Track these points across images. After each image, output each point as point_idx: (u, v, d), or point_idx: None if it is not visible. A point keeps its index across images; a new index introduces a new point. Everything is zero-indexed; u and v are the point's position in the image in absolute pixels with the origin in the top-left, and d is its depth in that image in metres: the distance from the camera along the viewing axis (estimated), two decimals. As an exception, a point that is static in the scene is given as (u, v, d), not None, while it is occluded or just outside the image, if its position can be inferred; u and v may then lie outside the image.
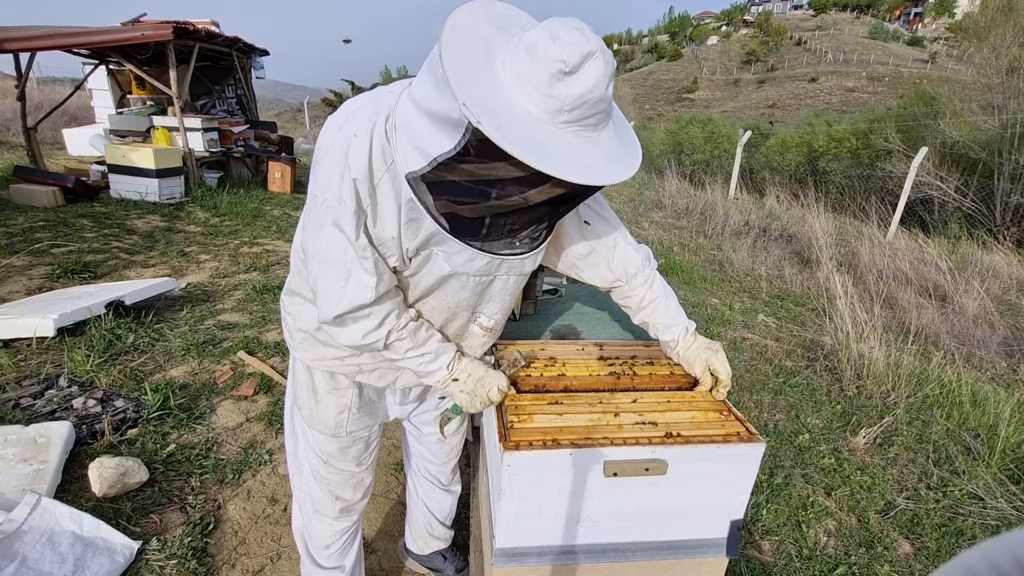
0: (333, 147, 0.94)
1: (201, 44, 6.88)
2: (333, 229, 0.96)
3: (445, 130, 0.84)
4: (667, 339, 1.32)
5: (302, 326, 1.21)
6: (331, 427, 1.29)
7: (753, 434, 1.11)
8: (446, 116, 0.82)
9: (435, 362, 1.14)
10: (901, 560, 2.07)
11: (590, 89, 0.80)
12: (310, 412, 1.29)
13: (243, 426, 2.49)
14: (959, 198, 9.30)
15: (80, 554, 1.62)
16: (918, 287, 5.36)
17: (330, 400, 1.27)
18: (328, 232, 0.97)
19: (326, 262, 1.00)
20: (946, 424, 2.96)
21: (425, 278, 1.09)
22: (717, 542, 1.18)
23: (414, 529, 1.75)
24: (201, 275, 4.31)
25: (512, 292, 1.18)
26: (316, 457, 1.35)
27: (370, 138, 0.92)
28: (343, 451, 1.34)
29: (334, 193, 0.94)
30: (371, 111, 0.94)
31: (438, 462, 1.60)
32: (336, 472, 1.36)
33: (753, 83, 51.39)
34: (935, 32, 61.97)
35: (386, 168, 0.94)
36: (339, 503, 1.40)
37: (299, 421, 1.36)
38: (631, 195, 10.19)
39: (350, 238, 0.96)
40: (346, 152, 0.92)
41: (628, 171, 0.89)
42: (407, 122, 0.90)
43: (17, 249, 4.24)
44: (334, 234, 0.96)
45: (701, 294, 4.95)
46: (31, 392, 2.47)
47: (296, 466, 1.42)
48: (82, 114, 10.42)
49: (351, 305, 1.01)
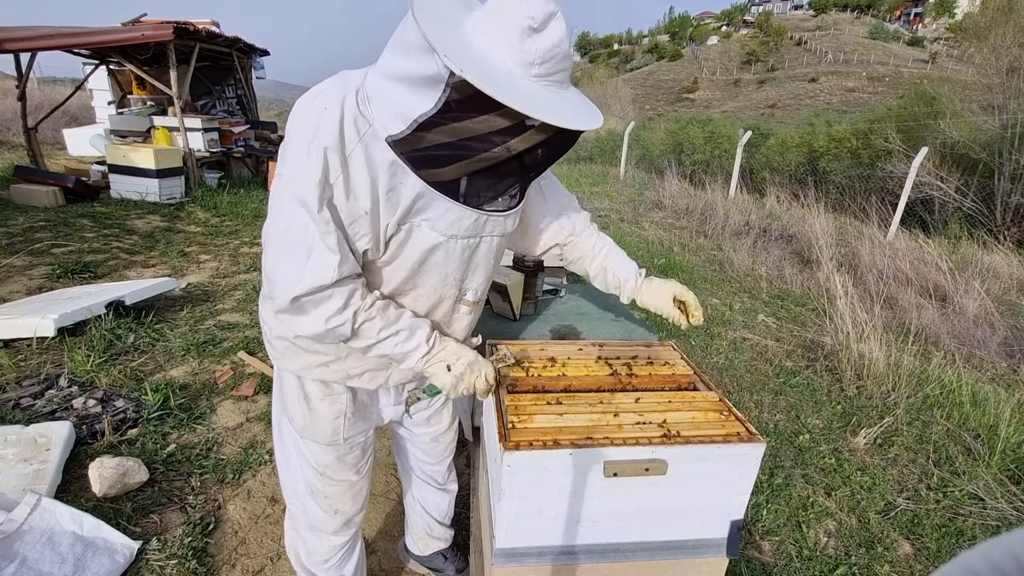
0: (302, 125, 0.93)
1: (201, 44, 6.89)
2: (293, 204, 0.93)
3: (422, 91, 0.87)
4: (630, 283, 1.42)
5: (280, 333, 1.17)
6: (328, 435, 1.25)
7: (753, 434, 1.11)
8: (422, 76, 0.86)
9: (411, 340, 1.07)
10: (901, 560, 2.07)
11: (557, 44, 0.86)
12: (304, 422, 1.24)
13: (243, 426, 2.49)
14: (959, 198, 9.30)
15: (80, 554, 1.62)
16: (918, 287, 5.35)
17: (324, 407, 1.23)
18: (288, 208, 0.93)
19: (286, 241, 0.96)
20: (946, 424, 2.96)
21: (407, 259, 1.05)
22: (717, 542, 1.18)
23: (413, 532, 1.75)
24: (201, 275, 4.32)
25: (496, 257, 1.18)
26: (312, 470, 1.29)
27: (341, 110, 0.91)
28: (340, 460, 1.30)
29: (299, 166, 0.91)
30: (339, 87, 0.94)
31: (433, 461, 1.59)
32: (334, 484, 1.31)
33: (753, 83, 51.38)
34: (935, 32, 61.96)
35: (359, 138, 0.92)
36: (339, 517, 1.36)
37: (290, 435, 1.30)
38: (631, 195, 10.19)
39: (311, 211, 0.92)
40: (316, 125, 0.91)
41: (597, 121, 0.95)
42: (380, 92, 0.92)
43: (17, 249, 4.24)
44: (294, 209, 0.93)
45: (701, 294, 4.95)
46: (31, 392, 2.47)
47: (289, 483, 1.36)
48: (82, 114, 10.43)
49: (311, 286, 0.95)
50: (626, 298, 1.45)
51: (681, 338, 3.89)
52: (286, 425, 1.31)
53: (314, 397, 1.22)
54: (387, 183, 0.95)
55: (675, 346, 1.51)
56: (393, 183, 0.96)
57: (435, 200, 0.98)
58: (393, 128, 0.91)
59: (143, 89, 7.72)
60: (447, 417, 1.53)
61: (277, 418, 1.35)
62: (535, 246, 1.42)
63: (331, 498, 1.33)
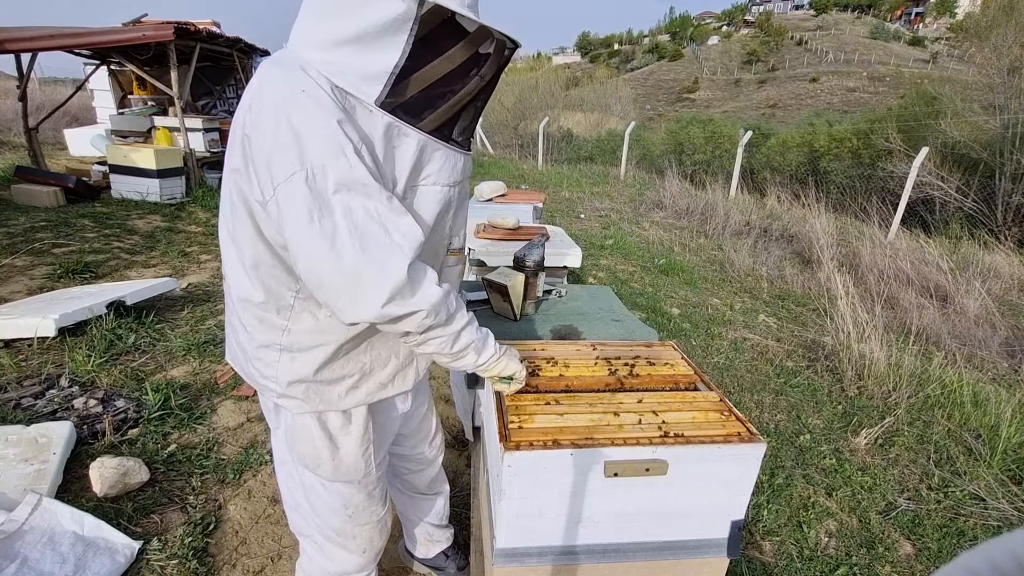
0: (279, 117, 0.82)
1: (202, 44, 6.88)
2: (339, 195, 0.82)
3: (384, 41, 0.85)
4: None
5: (295, 376, 1.05)
6: (360, 471, 1.17)
7: (754, 434, 1.11)
8: (383, 25, 0.84)
9: (481, 330, 1.08)
10: (902, 561, 2.07)
11: None
12: (333, 466, 1.14)
13: (244, 426, 2.49)
14: (960, 198, 9.28)
15: (81, 554, 1.62)
16: (919, 287, 5.35)
17: (350, 441, 1.14)
18: (336, 204, 0.82)
19: (352, 237, 0.82)
20: (947, 425, 2.96)
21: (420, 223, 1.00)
22: (718, 542, 1.18)
23: (415, 539, 1.73)
24: (202, 275, 4.32)
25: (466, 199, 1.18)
26: (337, 515, 1.21)
27: (319, 84, 0.84)
28: (370, 496, 1.23)
29: (325, 151, 0.81)
30: (291, 72, 0.86)
31: (423, 468, 1.55)
32: (364, 524, 1.25)
33: (754, 83, 51.34)
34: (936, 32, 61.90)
35: (344, 113, 0.86)
36: (369, 554, 1.30)
37: (302, 483, 1.19)
38: (632, 195, 10.18)
39: (367, 186, 0.83)
40: (304, 107, 0.82)
41: (521, 40, 1.00)
42: (336, 63, 0.86)
43: (18, 249, 4.24)
44: (345, 199, 0.82)
45: (702, 294, 4.95)
46: (32, 392, 2.47)
47: (304, 531, 1.27)
48: (83, 114, 10.43)
49: (413, 245, 0.87)
50: None
51: (682, 338, 3.89)
52: (296, 474, 1.20)
53: (338, 433, 1.13)
54: (381, 151, 0.90)
55: (676, 346, 1.51)
56: (387, 150, 0.90)
57: (434, 152, 0.96)
58: (372, 91, 0.86)
59: (144, 89, 7.72)
60: (432, 417, 1.52)
61: (279, 465, 1.24)
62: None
63: (360, 538, 1.27)
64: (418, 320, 0.90)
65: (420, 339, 0.97)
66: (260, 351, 1.06)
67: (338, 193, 0.82)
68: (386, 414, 1.24)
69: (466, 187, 1.12)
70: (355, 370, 1.08)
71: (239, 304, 1.04)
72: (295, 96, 0.83)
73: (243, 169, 0.89)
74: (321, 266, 0.84)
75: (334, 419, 1.12)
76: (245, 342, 1.08)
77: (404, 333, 0.94)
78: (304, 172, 0.81)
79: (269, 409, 1.19)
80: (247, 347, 1.08)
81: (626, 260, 5.90)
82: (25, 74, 6.49)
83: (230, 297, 1.08)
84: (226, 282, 1.09)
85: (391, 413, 1.26)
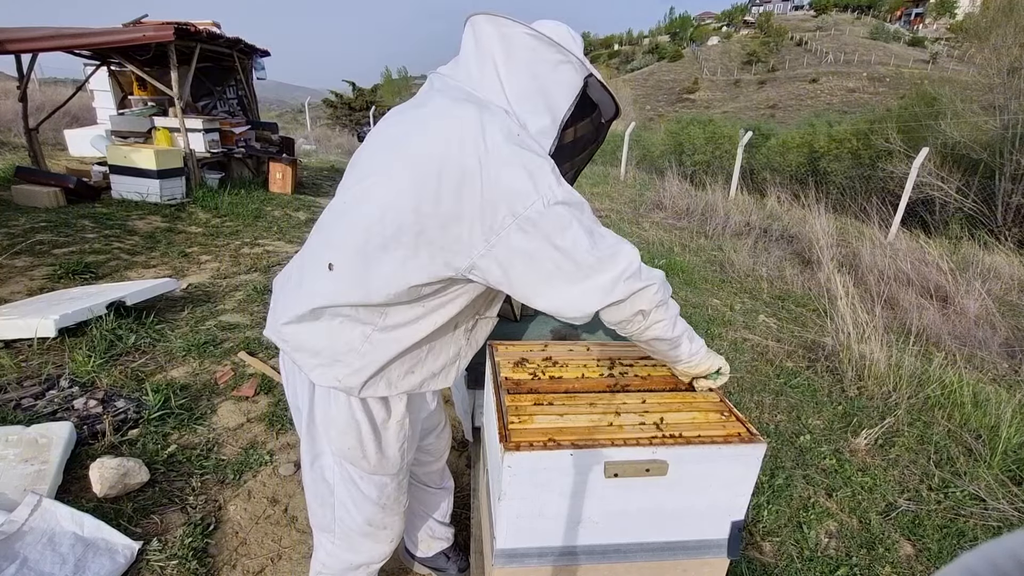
0: (511, 159, 0.90)
1: (202, 45, 6.89)
2: (568, 215, 0.92)
3: (548, 107, 1.03)
4: None
5: (382, 357, 1.06)
6: (397, 463, 1.20)
7: (754, 435, 1.11)
8: (555, 98, 1.03)
9: (695, 332, 1.18)
10: (902, 561, 2.07)
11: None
12: (376, 459, 1.16)
13: (244, 427, 2.49)
14: (960, 199, 9.29)
15: (81, 555, 1.62)
16: (919, 288, 5.35)
17: (390, 434, 1.17)
18: (569, 222, 0.92)
19: (592, 240, 0.94)
20: (947, 425, 2.96)
21: None
22: (718, 543, 1.18)
23: (415, 535, 1.74)
24: (202, 276, 4.32)
25: None
26: (373, 506, 1.23)
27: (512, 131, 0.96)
28: (400, 486, 1.27)
29: (550, 186, 0.91)
30: (488, 114, 0.96)
31: (430, 461, 1.58)
32: (394, 513, 1.29)
33: (754, 84, 51.37)
34: (936, 32, 61.93)
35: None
36: (393, 543, 1.34)
37: (342, 478, 1.21)
38: (632, 196, 10.19)
39: (582, 202, 0.97)
40: (526, 151, 0.92)
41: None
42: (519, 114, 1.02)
43: (19, 250, 4.24)
44: (573, 214, 0.93)
45: (702, 295, 4.95)
46: (32, 393, 2.47)
47: (327, 526, 1.29)
48: (84, 115, 10.44)
49: (629, 243, 1.01)
50: None
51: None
52: (328, 466, 1.21)
53: (381, 424, 1.16)
54: None
55: (676, 347, 1.51)
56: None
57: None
58: (545, 143, 1.02)
59: (144, 90, 7.72)
60: (440, 413, 1.54)
61: (312, 458, 1.22)
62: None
63: (390, 528, 1.31)
64: (650, 294, 1.00)
65: (647, 322, 1.04)
66: (350, 329, 1.07)
67: (568, 211, 0.95)
68: (419, 410, 1.29)
69: None
70: (419, 355, 1.12)
71: (348, 306, 1.03)
72: (508, 138, 0.92)
73: (447, 202, 0.91)
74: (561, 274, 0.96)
75: (379, 412, 1.14)
76: (340, 324, 1.07)
77: (636, 312, 1.01)
78: (541, 199, 0.91)
79: (303, 401, 1.18)
80: (334, 347, 1.08)
81: (626, 260, 5.89)
82: (25, 75, 6.50)
83: (309, 281, 1.07)
84: (304, 261, 1.12)
85: (423, 409, 1.33)
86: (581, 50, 1.06)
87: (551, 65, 1.00)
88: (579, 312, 0.97)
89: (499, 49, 1.00)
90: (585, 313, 0.98)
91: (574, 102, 1.02)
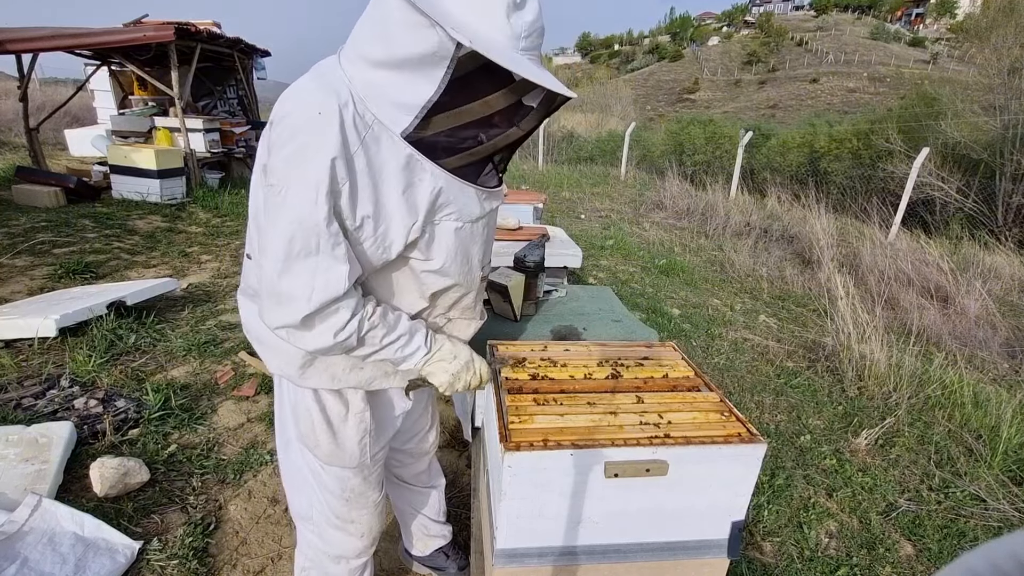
0: (296, 133, 0.86)
1: (203, 45, 6.89)
2: (293, 222, 0.87)
3: (421, 73, 0.86)
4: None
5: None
6: (356, 458, 1.20)
7: (754, 435, 1.11)
8: (420, 56, 0.84)
9: (411, 343, 1.06)
10: (903, 561, 2.07)
11: (536, 18, 0.88)
12: (329, 450, 1.17)
13: (244, 426, 2.49)
14: (961, 199, 9.28)
15: (81, 555, 1.62)
16: (920, 288, 5.35)
17: (349, 428, 1.17)
18: (286, 225, 0.87)
19: (289, 257, 0.88)
20: (948, 425, 2.96)
21: (440, 257, 1.03)
22: (718, 543, 1.18)
23: (411, 534, 1.74)
24: (202, 275, 4.32)
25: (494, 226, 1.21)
26: (336, 498, 1.24)
27: (339, 114, 0.86)
28: (366, 480, 1.26)
29: (298, 179, 0.86)
30: (324, 87, 0.88)
31: (415, 460, 1.57)
32: (361, 508, 1.28)
33: (754, 84, 51.34)
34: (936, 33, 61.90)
35: (360, 142, 0.88)
36: (365, 539, 1.32)
37: (303, 464, 1.24)
38: (632, 196, 10.19)
39: (319, 225, 0.87)
40: (312, 132, 0.85)
41: (573, 92, 0.96)
42: (373, 86, 0.88)
43: (19, 249, 4.25)
44: (295, 227, 0.87)
45: (702, 295, 4.95)
46: (33, 392, 2.47)
47: (304, 511, 1.30)
48: (84, 115, 10.45)
49: (322, 300, 0.90)
50: None
51: (682, 339, 3.89)
52: (297, 453, 1.23)
53: (336, 419, 1.16)
54: (403, 181, 0.92)
55: (676, 347, 1.51)
56: (410, 180, 0.92)
57: (456, 189, 0.97)
58: (401, 121, 0.88)
59: (144, 90, 7.73)
60: (428, 415, 1.53)
61: (283, 445, 1.27)
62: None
63: (358, 522, 1.29)
64: (310, 349, 0.98)
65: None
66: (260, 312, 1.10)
67: (294, 219, 0.87)
68: (386, 410, 1.27)
69: (493, 218, 1.14)
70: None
71: (259, 269, 1.07)
72: (309, 116, 0.86)
73: (265, 141, 0.93)
74: (263, 259, 0.93)
75: (333, 405, 1.15)
76: (257, 328, 1.13)
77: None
78: (278, 188, 0.88)
79: (276, 386, 1.24)
80: (260, 334, 1.13)
81: (626, 261, 5.90)
82: (26, 75, 6.50)
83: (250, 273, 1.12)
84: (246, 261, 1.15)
85: (391, 411, 1.28)
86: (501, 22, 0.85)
87: (395, 28, 0.84)
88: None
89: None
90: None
91: (445, 73, 0.85)
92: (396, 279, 1.06)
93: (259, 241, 0.95)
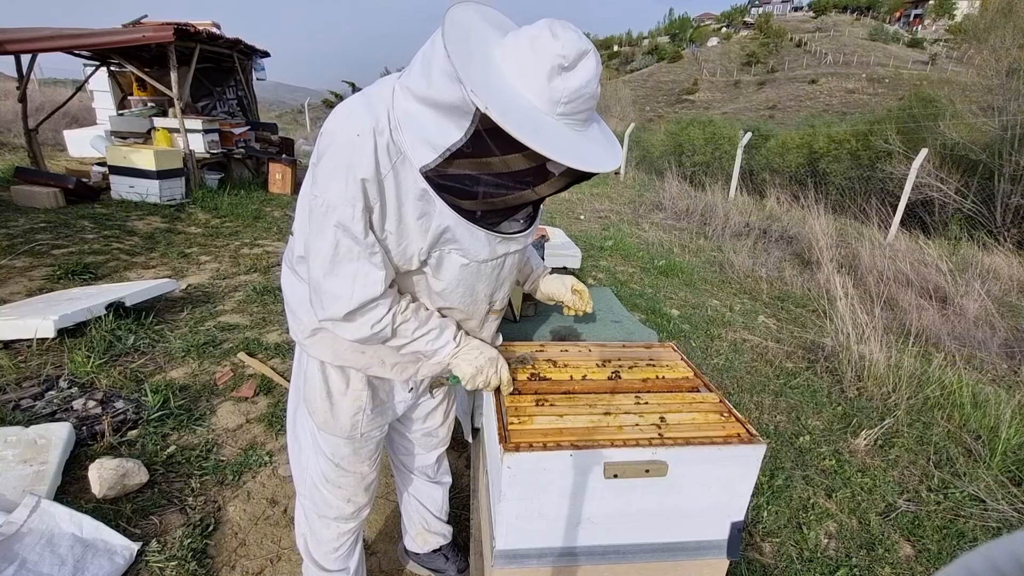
0: (336, 152, 0.93)
1: (202, 46, 6.89)
2: (336, 230, 0.96)
3: (452, 119, 0.89)
4: (536, 272, 1.54)
5: (318, 324, 1.17)
6: (347, 430, 1.28)
7: (754, 435, 1.11)
8: (452, 105, 0.87)
9: (441, 337, 1.15)
10: (902, 562, 2.07)
11: (584, 84, 0.87)
12: (324, 416, 1.27)
13: (243, 427, 2.49)
14: (959, 200, 9.29)
15: (80, 556, 1.62)
16: (919, 289, 5.35)
17: (345, 402, 1.26)
18: (333, 233, 0.97)
19: (334, 261, 0.99)
20: (947, 426, 2.96)
21: (441, 283, 1.11)
22: (718, 544, 1.18)
23: (411, 528, 1.75)
24: (202, 276, 4.32)
25: (518, 267, 1.26)
26: (327, 461, 1.33)
27: (373, 139, 0.92)
28: (356, 452, 1.33)
29: (337, 193, 0.94)
30: (368, 110, 0.94)
31: (425, 454, 1.61)
32: (348, 475, 1.35)
33: (753, 85, 51.41)
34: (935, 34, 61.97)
35: (391, 166, 0.94)
36: (350, 506, 1.40)
37: (305, 426, 1.34)
38: (631, 196, 10.19)
39: (357, 237, 0.97)
40: (350, 154, 0.92)
41: (614, 163, 0.96)
42: (410, 118, 0.93)
43: (18, 250, 4.24)
44: (340, 235, 0.97)
45: (701, 295, 4.95)
46: (31, 393, 2.47)
47: (301, 471, 1.40)
48: (83, 115, 10.44)
49: (361, 300, 1.01)
50: (529, 285, 1.56)
51: (681, 339, 3.89)
52: (302, 415, 1.34)
53: (336, 392, 1.25)
54: (418, 210, 0.99)
55: (675, 347, 1.51)
56: (426, 209, 0.99)
57: (463, 229, 1.02)
58: (425, 157, 0.93)
59: (144, 90, 7.72)
60: (441, 413, 1.55)
61: (293, 407, 1.39)
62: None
63: (344, 488, 1.37)
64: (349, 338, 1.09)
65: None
66: (301, 287, 1.19)
67: (337, 227, 0.96)
68: (386, 396, 1.33)
69: (512, 260, 1.18)
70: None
71: (297, 260, 1.18)
72: (348, 137, 0.92)
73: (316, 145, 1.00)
74: (310, 260, 1.03)
75: (336, 379, 1.24)
76: (292, 282, 1.23)
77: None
78: (321, 199, 0.96)
79: (298, 353, 1.33)
80: (290, 300, 1.24)
81: (626, 261, 5.90)
82: (25, 75, 6.50)
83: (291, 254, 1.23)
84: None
85: (391, 398, 1.35)
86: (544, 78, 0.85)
87: (433, 71, 0.87)
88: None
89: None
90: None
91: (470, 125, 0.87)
92: (416, 281, 1.14)
93: (306, 243, 1.05)
